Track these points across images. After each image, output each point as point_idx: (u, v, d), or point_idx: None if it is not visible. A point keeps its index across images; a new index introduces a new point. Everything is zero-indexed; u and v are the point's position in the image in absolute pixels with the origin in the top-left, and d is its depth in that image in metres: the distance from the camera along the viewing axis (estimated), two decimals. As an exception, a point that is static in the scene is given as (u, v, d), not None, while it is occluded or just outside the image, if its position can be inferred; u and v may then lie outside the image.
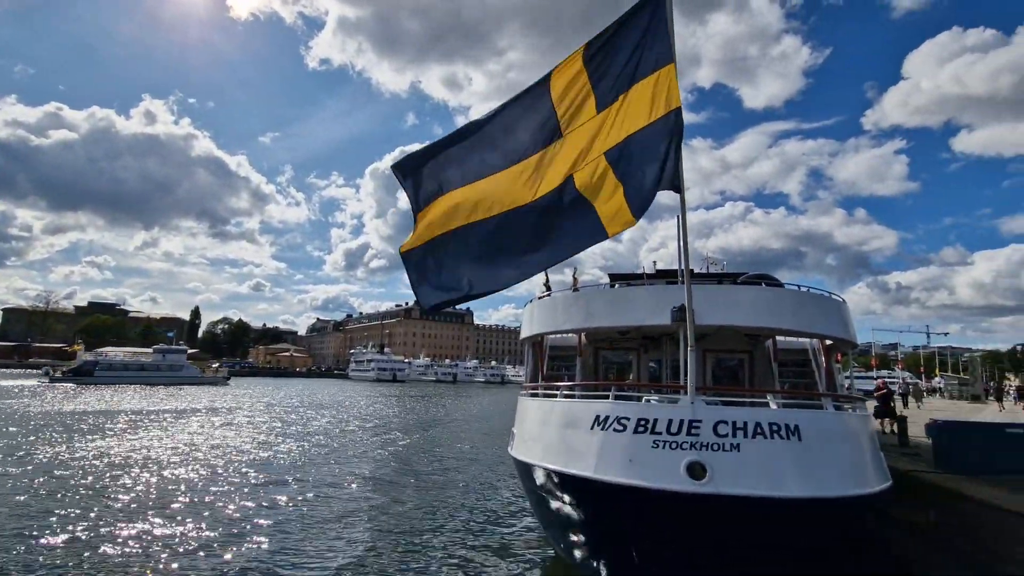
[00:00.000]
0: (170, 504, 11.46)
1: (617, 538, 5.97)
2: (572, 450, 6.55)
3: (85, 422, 25.97)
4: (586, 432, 6.35)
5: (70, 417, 28.08)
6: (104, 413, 31.02)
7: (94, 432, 22.40)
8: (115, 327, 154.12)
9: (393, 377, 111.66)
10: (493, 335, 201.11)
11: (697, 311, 6.41)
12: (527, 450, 7.76)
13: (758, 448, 5.55)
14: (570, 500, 6.56)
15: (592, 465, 6.03)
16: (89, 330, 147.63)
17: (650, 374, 11.03)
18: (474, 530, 10.51)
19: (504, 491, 13.84)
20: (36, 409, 32.15)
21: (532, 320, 10.06)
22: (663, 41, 5.82)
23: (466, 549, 9.40)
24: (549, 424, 7.41)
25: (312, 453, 19.12)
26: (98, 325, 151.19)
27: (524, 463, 7.71)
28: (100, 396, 44.34)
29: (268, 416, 32.64)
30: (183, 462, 16.32)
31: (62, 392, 48.12)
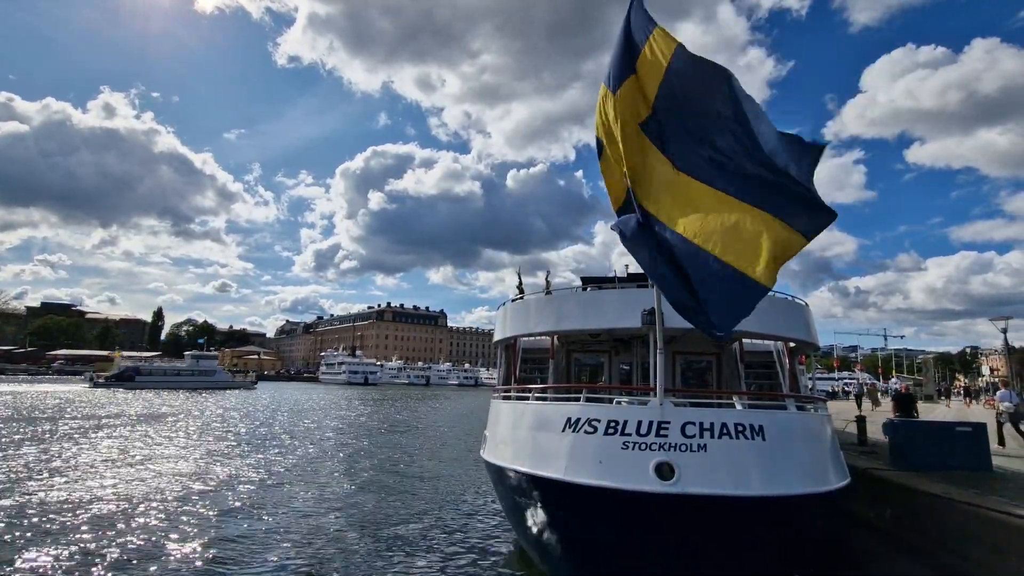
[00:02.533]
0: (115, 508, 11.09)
1: (587, 539, 6.03)
2: (543, 452, 6.59)
3: (162, 421, 27.99)
4: (557, 434, 6.40)
5: (152, 418, 30.64)
6: (161, 415, 32.19)
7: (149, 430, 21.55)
8: (70, 328, 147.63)
9: (365, 380, 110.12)
10: (467, 337, 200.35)
11: (667, 314, 6.52)
12: (499, 453, 7.77)
13: (724, 448, 5.68)
14: (541, 502, 6.59)
15: (563, 467, 6.08)
16: (42, 332, 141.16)
17: (621, 376, 11.17)
18: (445, 533, 10.44)
19: (476, 494, 13.79)
20: (113, 410, 35.86)
21: (505, 323, 10.08)
22: (628, 53, 5.91)
23: (437, 552, 9.32)
24: (521, 427, 7.43)
25: (290, 456, 18.70)
26: (52, 326, 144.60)
27: (496, 466, 7.72)
28: (149, 399, 47.62)
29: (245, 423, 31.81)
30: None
31: (116, 396, 50.69)
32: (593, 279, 12.51)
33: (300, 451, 20.61)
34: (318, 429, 28.76)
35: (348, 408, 45.68)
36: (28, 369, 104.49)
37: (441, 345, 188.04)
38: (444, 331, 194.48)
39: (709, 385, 10.61)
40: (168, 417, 32.15)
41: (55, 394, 51.10)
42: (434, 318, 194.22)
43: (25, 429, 24.45)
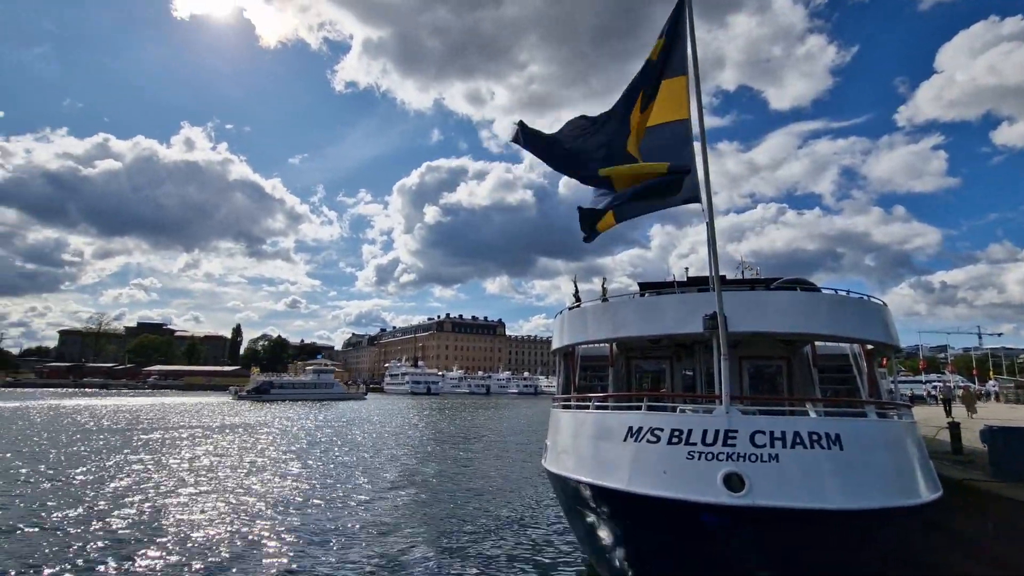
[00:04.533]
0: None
1: (653, 551, 5.91)
2: (605, 462, 6.53)
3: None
4: (619, 444, 6.33)
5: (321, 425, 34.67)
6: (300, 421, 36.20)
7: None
8: (162, 346, 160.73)
9: (427, 390, 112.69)
10: (525, 346, 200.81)
11: (730, 318, 6.34)
12: (561, 462, 7.76)
13: (798, 458, 5.43)
14: (605, 513, 6.52)
15: (626, 477, 6.00)
16: (138, 349, 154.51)
17: (684, 383, 10.87)
18: (509, 542, 10.51)
19: (540, 503, 13.79)
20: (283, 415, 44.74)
21: (563, 331, 10.08)
22: (679, 52, 5.88)
23: (501, 561, 9.41)
24: (582, 436, 7.40)
25: (360, 465, 19.48)
26: (147, 344, 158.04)
27: (558, 475, 7.71)
28: (282, 409, 55.61)
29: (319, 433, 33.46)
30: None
31: (255, 407, 59.15)
32: (651, 284, 12.27)
33: (384, 457, 21.61)
34: (398, 438, 29.88)
35: (417, 418, 46.98)
36: (127, 384, 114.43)
37: (500, 354, 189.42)
38: (502, 340, 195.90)
39: (779, 391, 10.12)
40: (294, 424, 38.06)
41: (208, 405, 60.37)
42: (492, 327, 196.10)
43: (201, 431, 30.97)
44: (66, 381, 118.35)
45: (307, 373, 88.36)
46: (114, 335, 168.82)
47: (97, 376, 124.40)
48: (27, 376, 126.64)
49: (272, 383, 79.98)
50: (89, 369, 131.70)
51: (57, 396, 72.58)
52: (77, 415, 41.56)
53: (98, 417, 40.10)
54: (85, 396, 75.71)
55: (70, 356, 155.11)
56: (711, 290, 6.56)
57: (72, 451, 22.13)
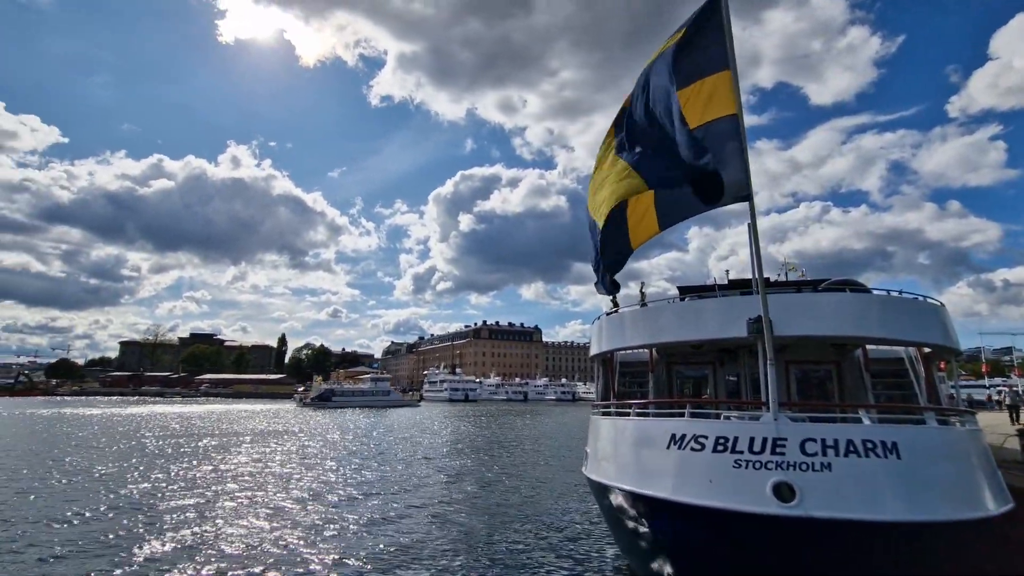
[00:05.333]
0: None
1: (699, 563, 5.76)
2: (648, 470, 6.43)
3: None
4: (662, 451, 6.22)
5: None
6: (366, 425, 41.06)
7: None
8: (212, 355, 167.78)
9: (465, 397, 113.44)
10: (562, 352, 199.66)
11: (776, 321, 6.16)
12: (601, 469, 7.68)
13: (852, 467, 5.20)
14: (648, 522, 6.41)
15: (670, 485, 5.89)
16: (191, 359, 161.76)
17: (728, 389, 10.58)
18: (550, 549, 10.44)
19: (580, 510, 13.65)
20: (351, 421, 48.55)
21: (601, 337, 9.99)
22: (718, 47, 5.75)
23: (543, 568, 9.35)
24: (623, 443, 7.31)
25: (402, 470, 19.80)
26: (198, 354, 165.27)
27: (598, 483, 7.63)
28: (344, 415, 58.64)
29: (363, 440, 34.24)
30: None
31: (318, 413, 62.34)
32: (691, 288, 12.03)
33: (432, 460, 22.08)
34: (445, 442, 30.34)
35: (459, 424, 47.39)
36: (181, 392, 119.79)
37: (537, 360, 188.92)
38: (539, 346, 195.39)
39: (829, 397, 9.71)
40: (356, 428, 41.27)
41: (278, 411, 64.81)
42: (529, 334, 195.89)
43: (284, 434, 35.10)
44: (126, 389, 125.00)
45: (365, 381, 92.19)
46: (169, 345, 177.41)
47: (154, 384, 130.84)
48: (92, 385, 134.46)
49: (334, 391, 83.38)
50: (147, 378, 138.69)
51: (133, 404, 78.11)
52: (164, 420, 45.84)
53: (187, 422, 44.26)
54: (161, 404, 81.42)
55: (130, 366, 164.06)
56: (755, 293, 6.39)
57: (194, 449, 25.90)
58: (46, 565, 9.22)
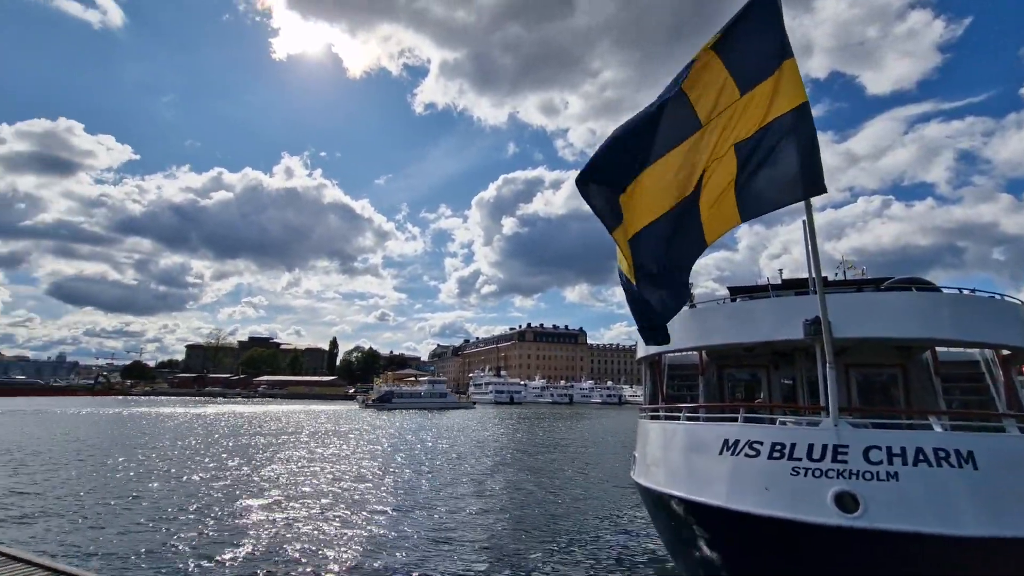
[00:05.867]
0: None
1: (754, 572, 5.55)
2: (699, 476, 6.25)
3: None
4: (714, 457, 6.03)
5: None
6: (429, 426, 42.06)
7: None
8: (269, 358, 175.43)
9: (511, 399, 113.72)
10: (607, 354, 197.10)
11: (835, 323, 5.87)
12: (650, 475, 7.53)
13: (922, 477, 4.88)
14: (700, 530, 6.23)
15: (723, 493, 5.70)
16: (249, 361, 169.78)
17: (783, 393, 10.15)
18: (598, 554, 10.31)
19: (629, 515, 13.43)
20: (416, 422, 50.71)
21: (648, 339, 9.78)
22: (778, 36, 5.50)
23: (591, 573, 9.25)
24: (673, 448, 7.14)
25: (450, 471, 20.11)
26: (256, 357, 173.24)
27: (648, 489, 7.48)
28: (404, 417, 61.10)
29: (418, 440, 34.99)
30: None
31: (379, 415, 64.78)
32: (743, 288, 11.62)
33: (483, 461, 22.72)
34: (497, 445, 30.72)
35: (506, 426, 47.61)
36: (241, 392, 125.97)
37: (582, 363, 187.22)
38: (584, 349, 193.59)
39: (894, 402, 9.15)
40: (415, 429, 42.86)
41: (342, 412, 68.02)
42: (574, 336, 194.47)
43: (354, 432, 38.06)
44: (191, 390, 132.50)
45: (422, 384, 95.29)
46: (229, 348, 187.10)
47: (217, 385, 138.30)
48: (161, 386, 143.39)
49: (393, 393, 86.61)
50: (210, 379, 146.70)
51: (201, 404, 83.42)
52: (250, 419, 49.71)
53: (260, 422, 47.23)
54: (227, 404, 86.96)
55: (194, 367, 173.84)
56: (811, 292, 6.12)
57: (294, 443, 28.73)
58: (128, 545, 9.91)
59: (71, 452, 24.20)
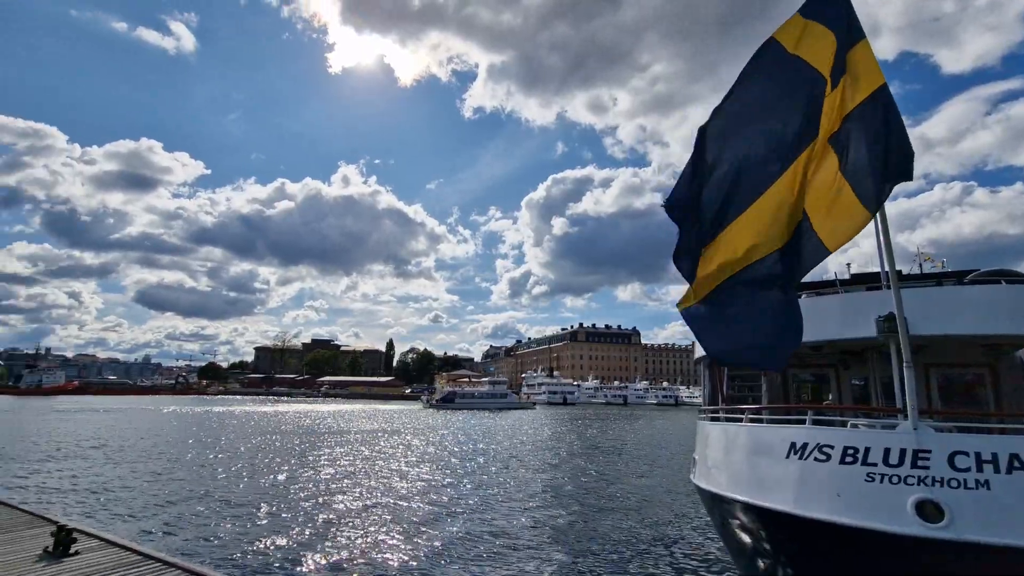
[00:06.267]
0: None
1: None
2: (764, 480, 6.02)
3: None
4: (780, 461, 5.80)
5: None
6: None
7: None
8: (330, 359, 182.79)
9: (564, 400, 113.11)
10: (662, 354, 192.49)
11: (911, 319, 5.52)
12: (712, 478, 7.32)
13: (1017, 486, 4.49)
14: (766, 536, 6.00)
15: (791, 498, 5.47)
16: (312, 362, 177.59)
17: (853, 394, 9.61)
18: (659, 558, 10.11)
19: (689, 518, 13.08)
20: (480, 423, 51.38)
21: (706, 338, 9.50)
22: (849, 17, 5.21)
23: (653, 579, 9.09)
24: (735, 450, 6.91)
25: (513, 471, 20.32)
26: (319, 358, 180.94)
27: (709, 492, 7.28)
28: (467, 416, 62.68)
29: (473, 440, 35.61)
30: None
31: (443, 414, 66.90)
32: (807, 284, 11.08)
33: (540, 462, 22.68)
34: (556, 445, 30.73)
35: (563, 427, 47.51)
36: (305, 392, 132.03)
37: (636, 363, 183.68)
38: (638, 349, 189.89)
39: (981, 405, 8.45)
40: (479, 428, 43.76)
41: (407, 411, 70.84)
42: (627, 336, 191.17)
43: (421, 430, 40.30)
44: (260, 390, 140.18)
45: (483, 384, 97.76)
46: (294, 350, 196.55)
47: (283, 385, 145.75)
48: (233, 386, 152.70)
49: (456, 393, 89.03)
50: (277, 379, 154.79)
51: (271, 403, 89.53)
52: (319, 418, 52.89)
53: (337, 420, 50.36)
54: (295, 403, 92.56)
55: (263, 368, 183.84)
56: (885, 287, 5.76)
57: (372, 439, 30.04)
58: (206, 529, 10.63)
59: (182, 448, 26.26)
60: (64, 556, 6.04)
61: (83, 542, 6.44)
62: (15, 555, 6.11)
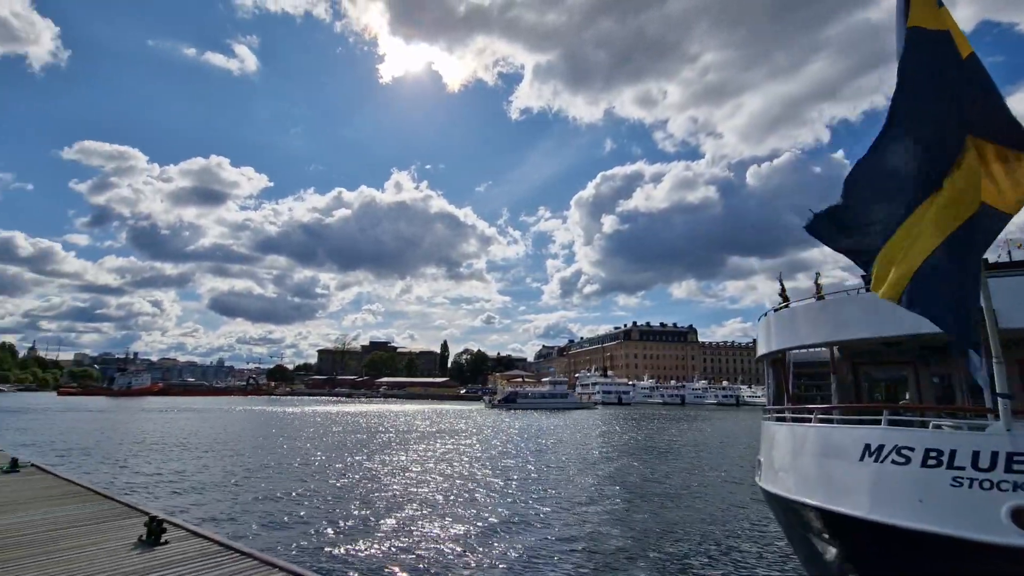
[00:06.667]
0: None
1: None
2: (837, 484, 5.72)
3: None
4: (854, 464, 5.49)
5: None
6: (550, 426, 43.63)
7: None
8: (388, 361, 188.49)
9: (618, 400, 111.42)
10: (721, 353, 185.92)
11: (1002, 311, 5.10)
12: (779, 481, 7.02)
13: None
14: (840, 543, 5.70)
15: (866, 504, 5.17)
16: (371, 364, 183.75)
17: (935, 393, 8.94)
18: (724, 560, 9.78)
19: (756, 522, 12.58)
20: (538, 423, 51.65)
21: (769, 335, 9.15)
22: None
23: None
24: (804, 452, 6.60)
25: (577, 471, 20.30)
26: (377, 360, 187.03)
27: (776, 495, 6.99)
28: (531, 417, 62.38)
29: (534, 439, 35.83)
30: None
31: (505, 414, 67.68)
32: None
33: (601, 464, 22.31)
34: (613, 446, 30.41)
35: (621, 427, 46.90)
36: (365, 393, 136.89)
37: (693, 362, 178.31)
38: (695, 347, 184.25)
39: None
40: (543, 428, 43.49)
41: (471, 412, 72.11)
42: (683, 334, 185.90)
43: (486, 429, 41.57)
44: (323, 391, 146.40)
45: (544, 385, 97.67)
46: (353, 352, 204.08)
47: (344, 386, 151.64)
48: (299, 387, 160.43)
49: (517, 393, 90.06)
50: (339, 380, 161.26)
51: (336, 403, 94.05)
52: (386, 417, 55.41)
53: (405, 419, 52.77)
54: (356, 403, 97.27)
55: (325, 370, 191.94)
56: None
57: (448, 436, 30.81)
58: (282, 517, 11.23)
59: (259, 446, 27.99)
60: (156, 544, 6.56)
61: (172, 532, 6.97)
62: (115, 542, 6.70)
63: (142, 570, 5.74)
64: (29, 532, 7.10)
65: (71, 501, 8.92)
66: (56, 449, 25.01)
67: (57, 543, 6.63)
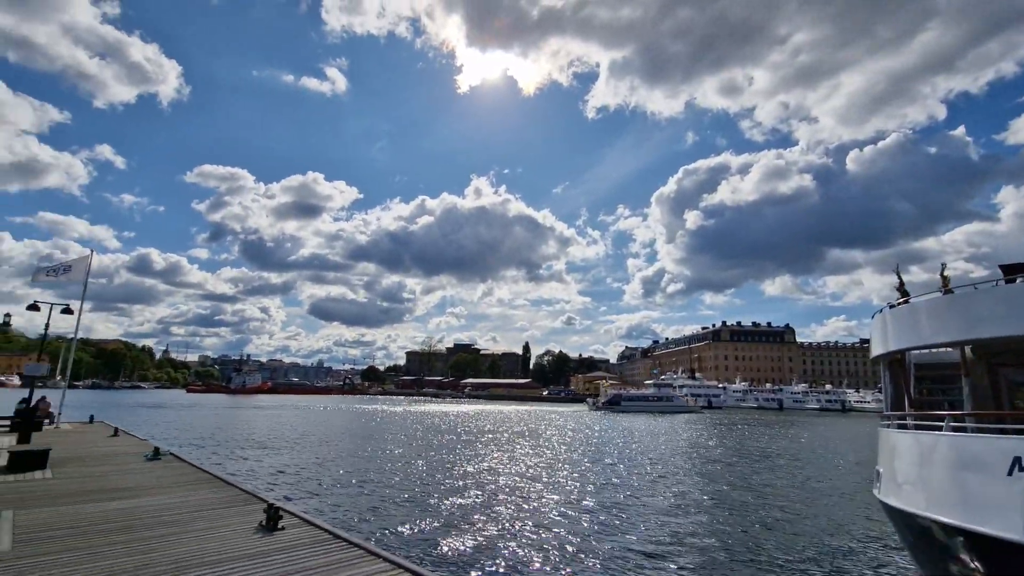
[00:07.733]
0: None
1: None
2: (976, 500, 5.08)
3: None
4: (999, 479, 4.85)
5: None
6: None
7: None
8: (471, 362, 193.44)
9: (708, 403, 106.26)
10: (821, 354, 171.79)
11: None
12: (903, 495, 6.36)
13: None
14: (985, 567, 5.03)
15: (1018, 524, 4.54)
16: (456, 365, 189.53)
17: None
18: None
19: (874, 537, 11.46)
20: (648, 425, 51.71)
21: (886, 334, 8.32)
22: None
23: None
24: (934, 464, 5.92)
25: (685, 475, 19.78)
26: (461, 361, 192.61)
27: (900, 510, 6.33)
28: (634, 419, 62.29)
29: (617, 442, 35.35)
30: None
31: (608, 417, 67.82)
32: (1021, 266, 9.12)
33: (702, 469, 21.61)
34: (716, 451, 29.36)
35: (710, 434, 44.89)
36: (451, 394, 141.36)
37: (791, 364, 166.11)
38: (792, 348, 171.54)
39: None
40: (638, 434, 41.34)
41: (576, 414, 72.63)
42: (779, 334, 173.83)
43: (596, 432, 41.65)
44: (412, 391, 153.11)
45: (649, 387, 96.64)
46: (439, 354, 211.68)
47: (431, 387, 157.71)
48: (389, 387, 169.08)
49: (621, 395, 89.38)
50: (426, 381, 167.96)
51: (427, 403, 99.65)
52: (488, 417, 58.03)
53: (508, 420, 54.11)
54: (445, 404, 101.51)
55: (413, 371, 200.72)
56: None
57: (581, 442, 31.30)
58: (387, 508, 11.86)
59: (363, 443, 29.98)
60: (274, 530, 7.17)
61: (287, 519, 7.58)
62: (239, 526, 7.40)
63: (262, 552, 6.29)
64: (168, 513, 8.05)
65: (202, 487, 9.98)
66: (189, 440, 28.21)
67: (191, 524, 7.45)
